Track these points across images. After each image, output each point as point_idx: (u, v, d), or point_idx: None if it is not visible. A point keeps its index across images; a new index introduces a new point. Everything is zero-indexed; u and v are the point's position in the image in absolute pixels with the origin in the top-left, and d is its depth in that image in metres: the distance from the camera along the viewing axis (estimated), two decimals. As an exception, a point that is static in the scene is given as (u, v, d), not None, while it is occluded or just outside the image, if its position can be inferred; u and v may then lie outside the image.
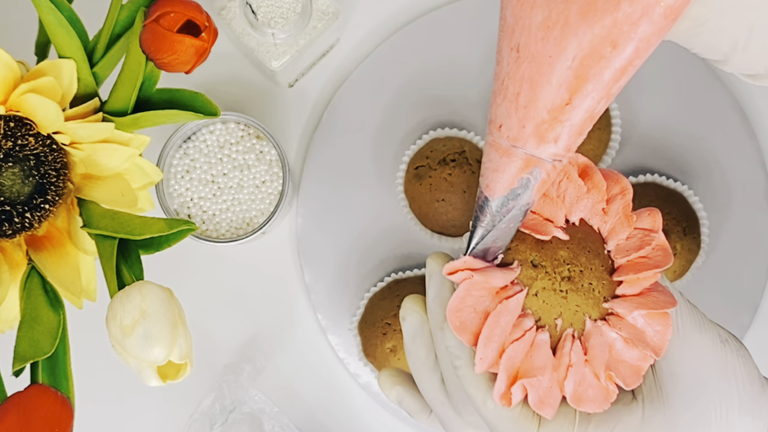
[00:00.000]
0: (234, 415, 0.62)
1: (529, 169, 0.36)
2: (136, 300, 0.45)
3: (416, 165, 0.62)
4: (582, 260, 0.39)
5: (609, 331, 0.39)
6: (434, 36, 0.65)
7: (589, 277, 0.39)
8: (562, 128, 0.35)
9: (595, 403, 0.38)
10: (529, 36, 0.34)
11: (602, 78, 0.34)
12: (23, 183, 0.48)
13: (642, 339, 0.39)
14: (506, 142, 0.36)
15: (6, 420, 0.42)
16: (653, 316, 0.39)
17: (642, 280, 0.39)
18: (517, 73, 0.35)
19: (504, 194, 0.37)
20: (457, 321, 0.38)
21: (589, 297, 0.39)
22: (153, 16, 0.46)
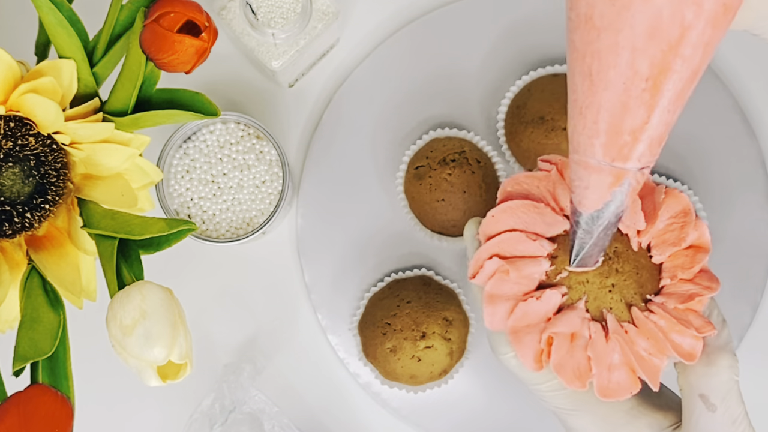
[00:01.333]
0: (234, 415, 0.62)
1: (620, 182, 0.37)
2: (136, 300, 0.45)
3: (416, 165, 0.62)
4: (626, 268, 0.41)
5: (586, 323, 0.40)
6: (434, 36, 0.65)
7: (616, 281, 0.41)
8: (643, 145, 0.36)
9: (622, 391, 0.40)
10: (600, 62, 0.35)
11: (676, 90, 0.34)
12: (23, 183, 0.48)
13: (600, 364, 0.40)
14: (593, 160, 0.37)
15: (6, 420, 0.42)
16: (629, 370, 0.40)
17: (649, 340, 0.40)
18: (593, 102, 0.36)
19: (598, 208, 0.38)
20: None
21: (601, 291, 0.41)
22: (153, 16, 0.46)
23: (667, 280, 0.42)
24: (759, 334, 0.64)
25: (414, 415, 0.64)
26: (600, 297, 0.40)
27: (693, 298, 0.41)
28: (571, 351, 0.40)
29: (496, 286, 0.41)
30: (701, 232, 0.42)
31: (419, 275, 0.63)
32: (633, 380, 0.40)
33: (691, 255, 0.42)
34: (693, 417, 0.40)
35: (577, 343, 0.40)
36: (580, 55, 0.35)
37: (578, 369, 0.40)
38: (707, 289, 0.41)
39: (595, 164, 0.36)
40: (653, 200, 0.42)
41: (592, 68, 0.35)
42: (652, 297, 0.41)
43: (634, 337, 0.40)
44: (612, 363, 0.40)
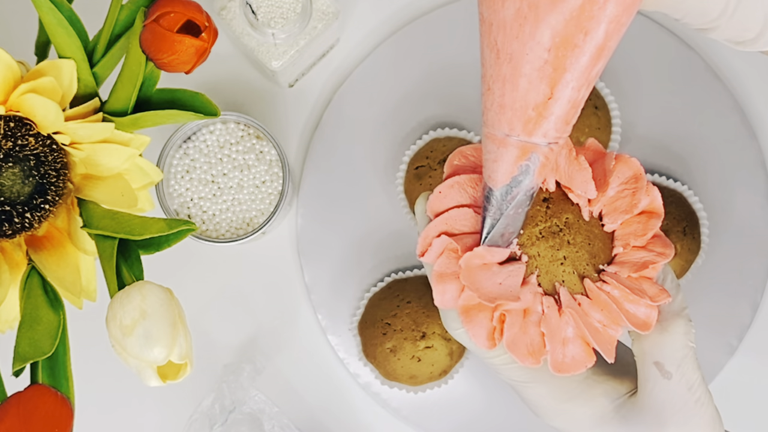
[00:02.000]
0: (234, 416, 0.62)
1: (526, 156, 0.37)
2: (136, 300, 0.45)
3: (416, 165, 0.62)
4: (577, 239, 0.40)
5: (539, 298, 0.40)
6: (434, 36, 0.65)
7: (568, 253, 0.40)
8: (548, 123, 0.36)
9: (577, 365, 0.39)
10: (505, 33, 0.35)
11: (579, 65, 0.34)
12: (23, 183, 0.48)
13: (554, 339, 0.40)
14: (500, 132, 0.36)
15: (6, 420, 0.42)
16: (583, 343, 0.40)
17: (603, 312, 0.40)
18: (499, 75, 0.36)
19: (507, 182, 0.37)
20: (455, 160, 0.41)
21: (553, 264, 0.40)
22: (153, 16, 0.46)
23: (619, 248, 0.41)
24: (759, 334, 0.64)
25: (414, 415, 0.64)
26: (552, 270, 0.40)
27: (647, 266, 0.40)
28: (524, 327, 0.39)
29: (445, 264, 0.40)
30: (653, 197, 0.41)
31: (419, 275, 0.63)
32: (588, 353, 0.39)
33: (643, 221, 0.41)
34: (648, 385, 0.40)
35: (530, 319, 0.39)
36: (487, 26, 0.35)
37: (532, 345, 0.39)
38: (660, 255, 0.41)
39: (501, 137, 0.36)
40: (603, 167, 0.41)
41: (498, 39, 0.35)
42: (605, 267, 0.41)
43: (588, 309, 0.40)
44: (566, 337, 0.39)
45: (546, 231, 0.40)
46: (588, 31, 0.33)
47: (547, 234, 0.40)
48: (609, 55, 0.35)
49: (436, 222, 0.40)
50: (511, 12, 0.34)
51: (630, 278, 0.40)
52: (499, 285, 0.38)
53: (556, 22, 0.33)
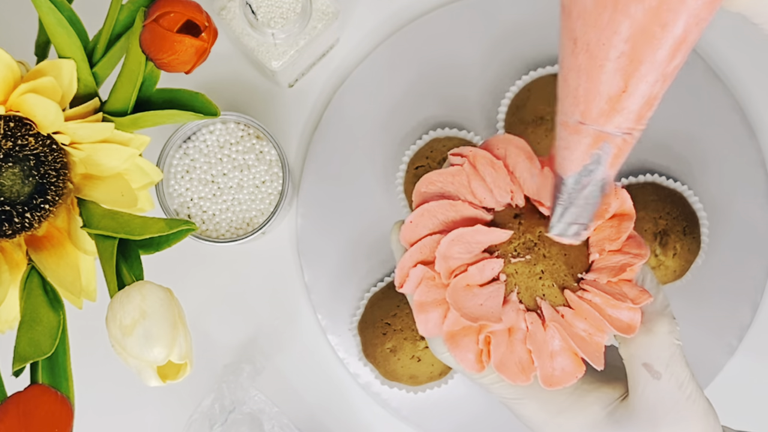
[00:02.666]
0: (234, 416, 0.62)
1: (598, 145, 0.36)
2: (136, 300, 0.45)
3: (416, 165, 0.62)
4: (552, 251, 0.40)
5: (522, 315, 0.40)
6: (434, 36, 0.65)
7: (545, 267, 0.40)
8: (621, 116, 0.35)
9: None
10: (584, 21, 0.34)
11: (656, 59, 0.33)
12: (23, 183, 0.48)
13: (542, 355, 0.39)
14: (573, 120, 0.36)
15: (6, 420, 0.42)
16: (571, 354, 0.40)
17: (587, 321, 0.40)
18: (574, 65, 0.35)
19: (577, 171, 0.37)
20: (423, 188, 0.40)
21: (532, 279, 0.40)
22: (153, 16, 0.46)
23: (595, 254, 0.41)
24: (759, 334, 0.64)
25: (414, 415, 0.64)
26: (531, 286, 0.40)
27: (624, 269, 0.40)
28: (510, 347, 0.39)
29: (425, 293, 0.40)
30: (622, 199, 0.41)
31: (419, 275, 0.63)
32: (577, 364, 0.39)
33: (616, 225, 0.41)
34: (639, 387, 0.40)
35: (515, 337, 0.39)
36: (567, 14, 0.35)
37: (520, 364, 0.39)
38: (637, 257, 0.40)
39: (573, 124, 0.36)
40: None
41: (576, 28, 0.34)
42: (584, 275, 0.41)
43: (572, 320, 0.39)
44: (553, 350, 0.39)
45: (520, 247, 0.40)
46: (666, 24, 0.33)
47: (521, 250, 0.39)
48: (687, 52, 0.34)
49: (411, 252, 0.40)
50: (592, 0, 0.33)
51: (610, 283, 0.40)
52: (480, 306, 0.38)
53: (636, 11, 0.32)
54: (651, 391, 0.40)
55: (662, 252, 0.60)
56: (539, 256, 0.40)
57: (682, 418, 0.39)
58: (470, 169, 0.41)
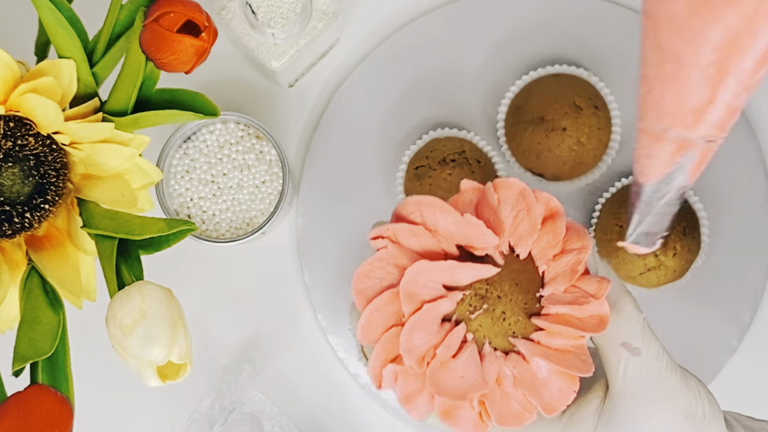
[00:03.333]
0: (234, 416, 0.62)
1: (682, 153, 0.35)
2: (136, 300, 0.45)
3: (416, 165, 0.62)
4: (504, 288, 0.39)
5: (503, 363, 0.38)
6: (434, 36, 0.65)
7: (504, 307, 0.39)
8: (705, 126, 0.34)
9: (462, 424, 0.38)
10: (672, 29, 0.33)
11: (743, 69, 0.32)
12: (23, 183, 0.48)
13: (535, 389, 0.38)
14: (658, 127, 0.35)
15: (6, 420, 0.42)
16: (561, 374, 0.39)
17: (562, 336, 0.39)
18: (660, 74, 0.34)
19: (658, 179, 0.36)
20: (361, 285, 0.39)
21: (497, 324, 0.39)
22: (153, 16, 0.46)
23: (543, 266, 0.40)
24: (759, 334, 0.64)
25: (414, 415, 0.64)
26: (499, 330, 0.39)
27: (576, 270, 0.39)
28: (504, 397, 0.38)
29: (404, 385, 0.39)
30: (545, 199, 0.39)
31: (419, 275, 0.63)
32: (570, 380, 0.39)
33: (551, 229, 0.39)
34: (620, 369, 0.39)
35: (505, 385, 0.39)
36: (653, 21, 0.33)
37: (520, 407, 0.38)
38: (581, 251, 0.39)
39: (658, 131, 0.35)
40: (488, 204, 0.39)
41: (663, 35, 0.33)
42: (542, 291, 0.40)
43: (548, 341, 0.39)
44: (544, 379, 0.39)
45: (474, 300, 0.39)
46: (756, 32, 0.32)
47: (476, 303, 0.39)
48: None
49: (376, 353, 0.39)
50: (683, 5, 0.32)
51: (568, 290, 0.39)
52: (462, 379, 0.38)
53: (731, 19, 0.31)
54: (633, 369, 0.39)
55: (662, 252, 0.60)
56: (494, 299, 0.39)
57: (666, 388, 0.39)
58: (395, 248, 0.40)
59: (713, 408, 0.40)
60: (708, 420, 0.39)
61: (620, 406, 0.39)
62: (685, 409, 0.39)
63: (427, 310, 0.38)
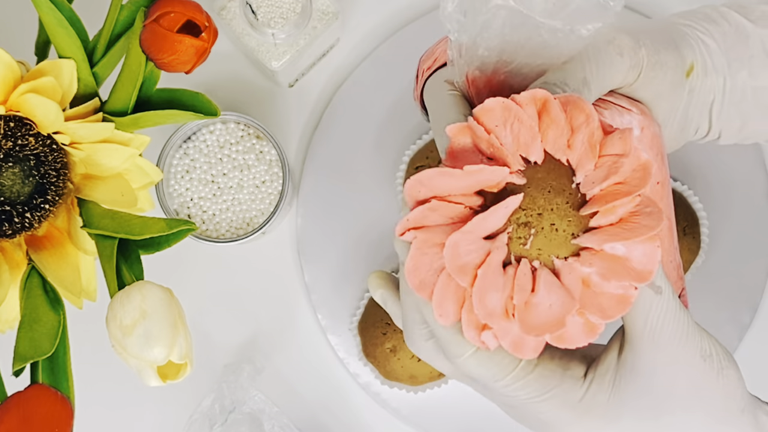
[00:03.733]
0: (234, 416, 0.62)
1: None
2: (136, 300, 0.45)
3: (416, 165, 0.62)
4: (540, 202, 0.38)
5: (580, 267, 0.37)
6: (434, 36, 0.65)
7: (550, 218, 0.38)
8: None
9: (574, 338, 0.38)
10: None
11: None
12: (23, 183, 0.48)
13: (623, 268, 0.37)
14: None
15: (6, 420, 0.42)
16: (637, 242, 0.37)
17: (618, 207, 0.37)
18: None
19: None
20: (417, 281, 0.38)
21: (553, 238, 0.38)
22: (153, 16, 0.46)
23: (563, 156, 0.38)
24: (759, 334, 0.64)
25: (414, 415, 0.64)
26: (558, 242, 0.38)
27: (594, 145, 0.37)
28: (600, 294, 0.37)
29: (508, 338, 0.37)
30: (530, 98, 0.37)
31: (419, 275, 0.63)
32: (649, 241, 0.37)
33: (549, 121, 0.38)
34: (644, 310, 0.39)
35: (594, 284, 0.37)
36: None
37: (621, 291, 0.37)
38: (588, 121, 0.37)
39: None
40: (482, 136, 0.38)
41: None
42: (576, 180, 0.38)
43: (608, 219, 0.37)
44: (624, 255, 0.37)
45: (520, 232, 0.37)
46: None
47: (523, 233, 0.37)
48: None
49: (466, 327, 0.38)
50: None
51: (598, 164, 0.38)
52: (551, 308, 0.37)
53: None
54: (655, 311, 0.38)
55: (662, 252, 0.60)
56: (536, 218, 0.37)
57: (683, 331, 0.39)
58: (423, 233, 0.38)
59: (726, 352, 0.40)
60: (725, 363, 0.40)
61: (641, 351, 0.39)
62: (700, 349, 0.39)
63: (484, 271, 0.37)
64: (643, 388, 0.39)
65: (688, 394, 0.39)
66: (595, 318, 0.37)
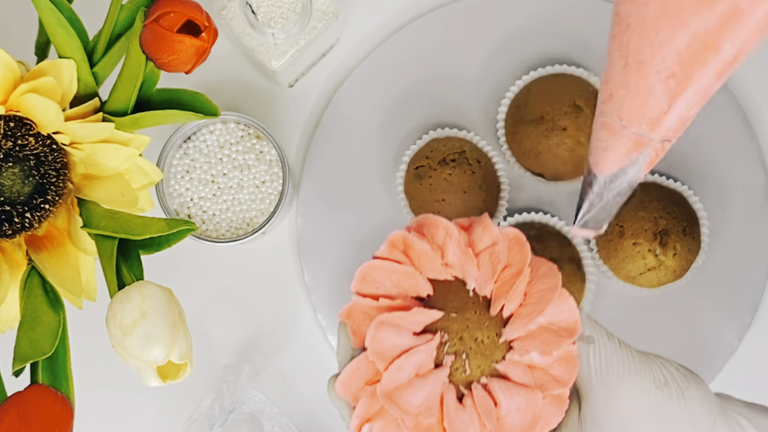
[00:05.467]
0: (233, 416, 0.62)
1: (639, 149, 0.36)
2: (136, 300, 0.45)
3: (416, 165, 0.62)
4: (454, 327, 0.38)
5: (520, 358, 0.38)
6: (434, 36, 0.65)
7: (471, 335, 0.38)
8: (659, 131, 0.36)
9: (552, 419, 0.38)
10: (641, 36, 0.34)
11: (702, 82, 0.34)
12: (23, 183, 0.48)
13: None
14: (617, 123, 0.36)
15: (6, 420, 0.42)
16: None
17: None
18: (624, 83, 0.35)
19: (613, 172, 0.37)
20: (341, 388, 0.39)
21: (483, 350, 0.38)
22: (153, 16, 0.46)
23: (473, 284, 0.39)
24: (759, 334, 0.64)
25: (414, 415, 0.64)
26: (482, 363, 0.39)
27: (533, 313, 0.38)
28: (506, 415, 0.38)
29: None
30: (502, 235, 0.38)
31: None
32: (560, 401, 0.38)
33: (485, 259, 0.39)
34: (584, 363, 0.39)
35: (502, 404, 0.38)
36: (624, 26, 0.34)
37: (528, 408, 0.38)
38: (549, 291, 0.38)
39: (617, 127, 0.36)
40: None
41: (631, 43, 0.34)
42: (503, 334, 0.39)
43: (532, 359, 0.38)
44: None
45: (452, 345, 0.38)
46: (719, 48, 0.33)
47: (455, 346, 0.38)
48: (727, 76, 0.34)
49: (357, 412, 0.39)
50: (656, 8, 0.33)
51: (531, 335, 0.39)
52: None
53: (698, 27, 0.32)
54: (594, 358, 0.39)
55: (662, 252, 0.60)
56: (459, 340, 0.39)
57: (630, 366, 0.39)
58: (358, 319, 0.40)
59: (684, 372, 0.40)
60: (683, 385, 0.39)
61: (596, 400, 0.39)
62: (654, 380, 0.39)
63: (449, 418, 0.37)
64: None
65: (654, 427, 0.39)
66: (557, 390, 0.38)
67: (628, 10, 0.34)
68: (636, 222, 0.60)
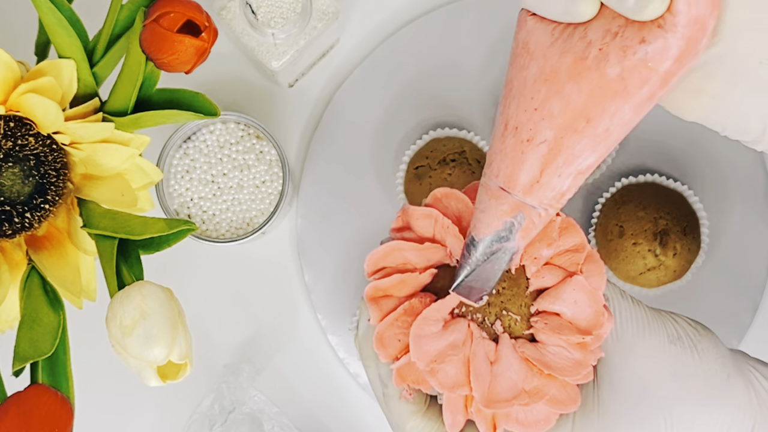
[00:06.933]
0: (233, 416, 0.62)
1: (513, 214, 0.36)
2: (136, 300, 0.45)
3: (416, 165, 0.62)
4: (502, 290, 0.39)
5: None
6: (434, 36, 0.65)
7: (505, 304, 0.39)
8: (536, 199, 0.35)
9: None
10: (519, 98, 0.34)
11: (574, 152, 0.34)
12: (23, 183, 0.48)
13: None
14: (493, 183, 0.36)
15: (6, 420, 0.42)
16: None
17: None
18: (500, 148, 0.36)
19: (489, 236, 0.37)
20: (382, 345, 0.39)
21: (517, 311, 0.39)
22: (153, 16, 0.46)
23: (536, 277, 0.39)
24: (759, 334, 0.64)
25: (414, 415, 0.64)
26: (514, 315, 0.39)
27: None
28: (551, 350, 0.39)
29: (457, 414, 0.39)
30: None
31: (419, 275, 0.63)
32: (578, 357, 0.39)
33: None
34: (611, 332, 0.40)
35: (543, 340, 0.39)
36: (508, 88, 0.35)
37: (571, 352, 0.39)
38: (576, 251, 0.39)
39: (494, 188, 0.36)
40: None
41: (511, 106, 0.35)
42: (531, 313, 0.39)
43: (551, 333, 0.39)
44: None
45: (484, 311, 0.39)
46: (591, 118, 0.33)
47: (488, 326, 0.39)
48: (605, 152, 0.34)
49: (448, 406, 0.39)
50: (533, 73, 0.34)
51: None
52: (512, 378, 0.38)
53: (570, 94, 0.33)
54: (616, 323, 0.40)
55: (662, 252, 0.60)
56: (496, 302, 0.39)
57: (643, 323, 0.39)
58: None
59: (696, 326, 0.40)
60: (696, 338, 0.40)
61: (612, 360, 0.40)
62: (667, 335, 0.39)
63: None
64: (625, 394, 0.39)
65: (669, 383, 0.39)
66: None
67: (512, 74, 0.35)
68: (636, 222, 0.60)
